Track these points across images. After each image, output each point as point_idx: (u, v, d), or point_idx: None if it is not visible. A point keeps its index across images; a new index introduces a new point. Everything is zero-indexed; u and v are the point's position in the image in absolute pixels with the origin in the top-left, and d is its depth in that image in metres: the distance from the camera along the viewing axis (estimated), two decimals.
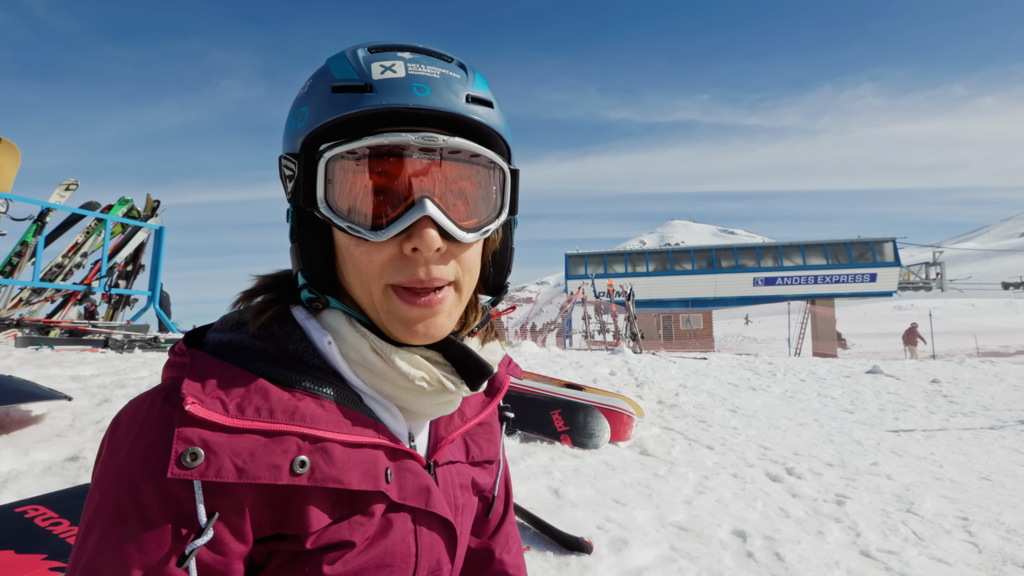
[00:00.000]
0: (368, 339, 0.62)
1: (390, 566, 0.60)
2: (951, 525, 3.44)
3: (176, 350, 0.61)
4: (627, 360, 10.50)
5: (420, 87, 0.58)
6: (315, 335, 0.62)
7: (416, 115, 0.58)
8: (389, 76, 0.58)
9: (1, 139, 9.02)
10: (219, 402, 0.53)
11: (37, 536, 1.79)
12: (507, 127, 0.67)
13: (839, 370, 10.98)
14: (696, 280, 30.45)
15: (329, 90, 0.59)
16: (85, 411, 3.76)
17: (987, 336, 30.26)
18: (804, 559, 2.77)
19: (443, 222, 0.58)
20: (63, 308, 10.23)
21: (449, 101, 0.59)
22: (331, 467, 0.56)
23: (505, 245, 0.71)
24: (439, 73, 0.60)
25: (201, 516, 0.50)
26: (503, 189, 0.65)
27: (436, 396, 0.65)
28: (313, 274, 0.62)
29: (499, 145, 0.65)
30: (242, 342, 0.61)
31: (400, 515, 0.62)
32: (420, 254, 0.58)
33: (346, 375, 0.62)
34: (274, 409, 0.55)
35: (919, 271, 30.17)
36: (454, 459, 0.74)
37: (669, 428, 5.75)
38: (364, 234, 0.58)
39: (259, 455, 0.52)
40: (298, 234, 0.62)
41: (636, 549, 2.71)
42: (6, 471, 2.77)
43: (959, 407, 8.01)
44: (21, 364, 5.03)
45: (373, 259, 0.59)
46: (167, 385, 0.57)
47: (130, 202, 10.71)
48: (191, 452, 0.50)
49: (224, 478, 0.51)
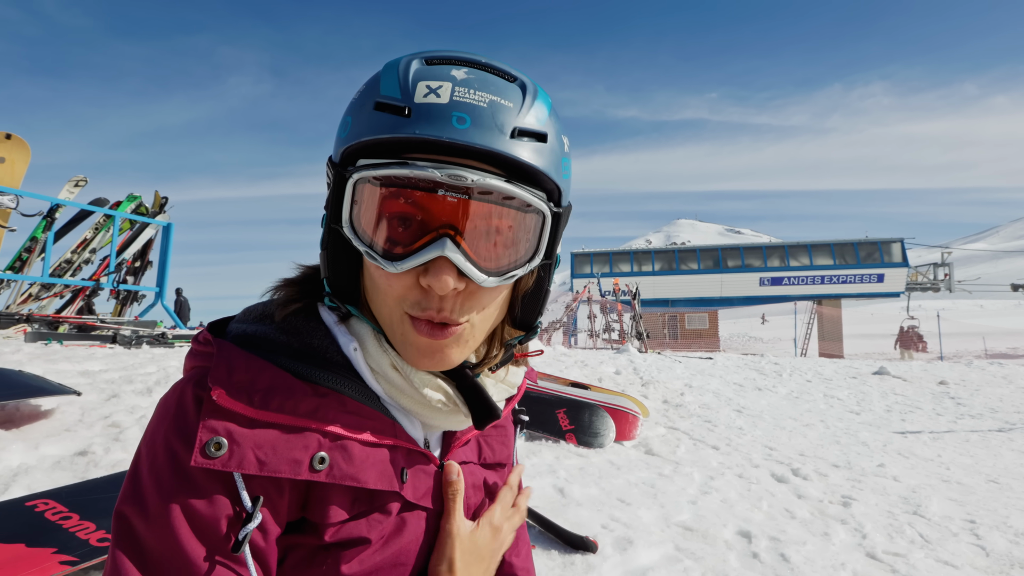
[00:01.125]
0: (390, 356, 0.62)
1: (405, 564, 0.61)
2: (958, 528, 3.42)
3: (200, 339, 0.61)
4: (632, 359, 10.48)
5: (460, 117, 0.54)
6: (342, 339, 0.62)
7: (452, 148, 0.55)
8: (431, 101, 0.55)
9: (11, 136, 9.09)
10: (244, 393, 0.54)
11: (47, 530, 1.81)
12: (563, 161, 0.62)
13: (845, 371, 10.93)
14: (702, 279, 30.36)
15: (372, 105, 0.57)
16: (94, 406, 3.79)
17: (996, 338, 30.04)
18: (810, 560, 2.76)
19: (461, 264, 0.55)
20: (72, 304, 10.31)
21: (490, 136, 0.55)
22: (349, 465, 0.57)
23: (539, 286, 0.67)
24: (487, 101, 0.56)
25: (246, 500, 0.51)
26: (540, 233, 0.60)
27: (451, 415, 0.65)
28: (337, 284, 0.62)
29: (545, 183, 0.60)
30: (267, 334, 0.61)
31: (414, 514, 0.63)
32: (434, 292, 0.56)
33: (368, 381, 0.62)
34: (297, 404, 0.55)
35: (927, 272, 29.97)
36: (467, 460, 0.74)
37: (674, 428, 5.74)
38: (380, 263, 0.56)
39: (281, 449, 0.53)
40: (328, 243, 0.61)
41: (641, 549, 2.71)
42: (16, 465, 2.79)
43: (967, 409, 7.96)
44: (31, 359, 5.08)
45: (392, 285, 0.58)
46: (194, 375, 0.57)
47: (138, 198, 10.77)
48: (215, 442, 0.51)
49: (246, 469, 0.51)
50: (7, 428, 3.21)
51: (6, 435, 3.09)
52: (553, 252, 0.64)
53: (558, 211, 0.61)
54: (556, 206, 0.62)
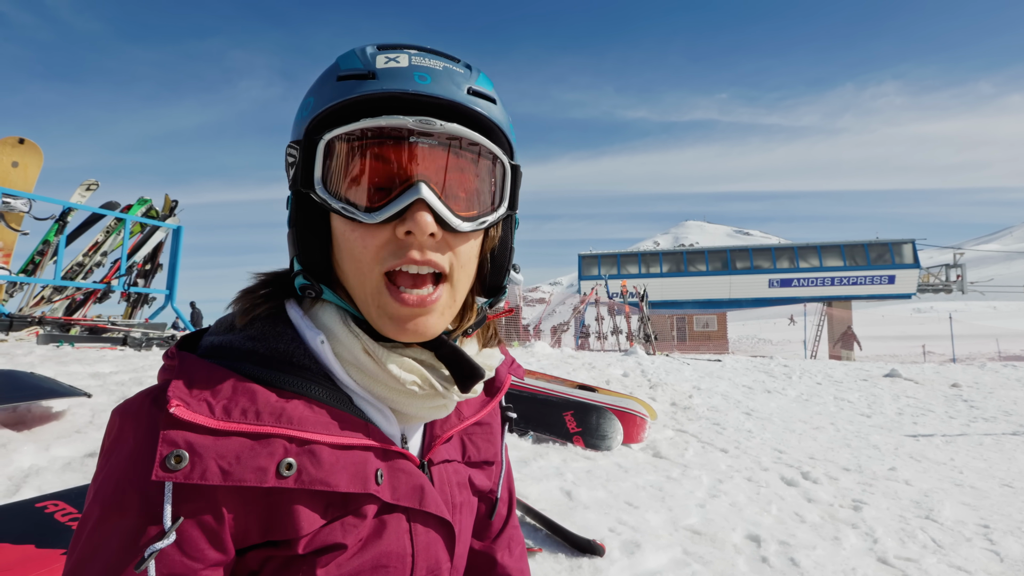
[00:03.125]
0: (361, 340, 0.61)
1: (386, 567, 0.60)
2: (971, 532, 3.37)
3: (168, 354, 0.61)
4: (640, 361, 10.45)
5: (421, 76, 0.60)
6: (308, 334, 0.62)
7: (416, 101, 0.59)
8: (392, 65, 0.60)
9: (24, 140, 9.21)
10: (205, 404, 0.53)
11: (57, 531, 1.82)
12: (511, 126, 0.67)
13: (856, 373, 10.83)
14: (710, 281, 30.20)
15: (335, 79, 0.61)
16: (104, 408, 3.82)
17: (1009, 339, 29.66)
18: (820, 565, 2.73)
19: (438, 207, 0.58)
20: (83, 306, 10.42)
21: (450, 90, 0.60)
22: (318, 469, 0.55)
23: (504, 244, 0.70)
24: (442, 66, 0.62)
25: (167, 519, 0.49)
26: (503, 183, 0.65)
27: (428, 400, 0.64)
28: (308, 260, 0.63)
29: (501, 140, 0.65)
30: (232, 343, 0.61)
31: (394, 516, 0.62)
32: (414, 238, 0.58)
33: (338, 375, 0.62)
34: (261, 411, 0.54)
35: (939, 273, 29.65)
36: (450, 458, 0.73)
37: (682, 430, 5.71)
38: (358, 215, 0.58)
39: (245, 458, 0.52)
40: (295, 220, 0.62)
41: (649, 552, 2.69)
42: (27, 466, 2.82)
43: (980, 412, 7.86)
44: (43, 361, 5.13)
45: (368, 244, 0.59)
46: (157, 387, 0.57)
47: (149, 202, 10.88)
48: (176, 455, 0.50)
49: (209, 480, 0.50)
50: (19, 430, 3.24)
51: (18, 436, 3.12)
52: (515, 205, 0.68)
53: (516, 164, 0.67)
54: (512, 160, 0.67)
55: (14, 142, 9.15)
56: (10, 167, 9.06)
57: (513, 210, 0.68)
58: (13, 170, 9.09)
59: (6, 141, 9.11)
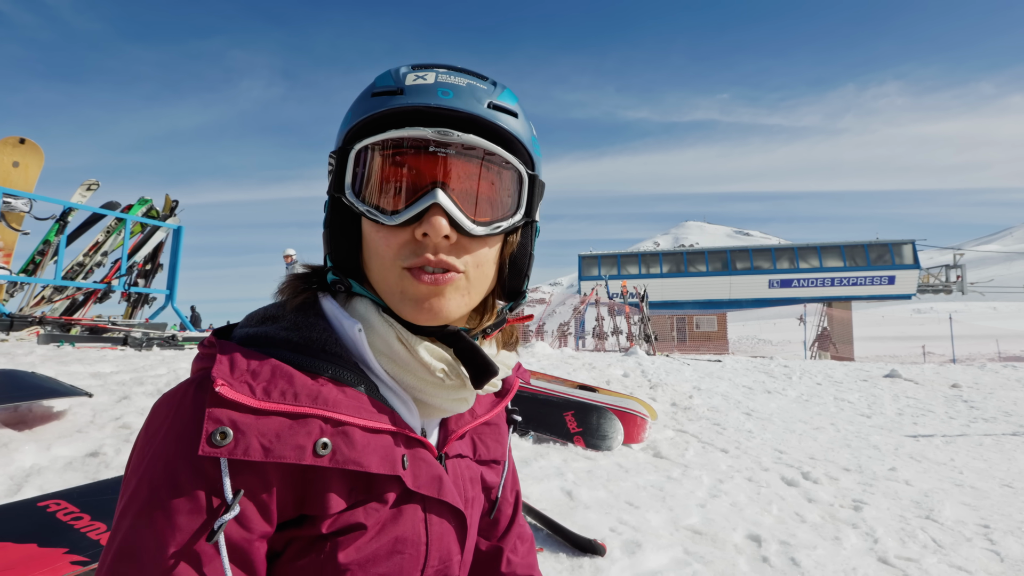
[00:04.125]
0: (395, 328, 0.65)
1: (401, 553, 0.62)
2: (972, 532, 3.38)
3: (206, 343, 0.65)
4: (640, 362, 10.45)
5: (445, 91, 0.64)
6: (346, 323, 0.66)
7: (439, 115, 0.64)
8: (420, 82, 0.65)
9: (25, 140, 9.21)
10: (247, 386, 0.56)
11: (59, 530, 1.83)
12: (533, 140, 0.71)
13: (856, 373, 10.84)
14: (710, 282, 30.22)
15: (370, 95, 0.66)
16: (105, 407, 3.82)
17: (1009, 340, 29.68)
18: (820, 565, 2.73)
19: (452, 211, 0.62)
20: (84, 306, 10.42)
21: (470, 104, 0.65)
22: (352, 450, 0.58)
23: (523, 250, 0.73)
24: (466, 83, 0.66)
25: (227, 492, 0.52)
26: (519, 191, 0.68)
27: (454, 391, 0.68)
28: (338, 257, 0.68)
29: (520, 151, 0.69)
30: (267, 333, 0.65)
31: (411, 504, 0.65)
32: (430, 239, 0.62)
33: (370, 363, 0.66)
34: (298, 393, 0.58)
35: (939, 273, 29.66)
36: (463, 454, 0.77)
37: (683, 430, 5.71)
38: (380, 218, 0.63)
39: (284, 436, 0.55)
40: (330, 221, 0.68)
41: (649, 552, 2.69)
42: (29, 466, 2.82)
43: (980, 412, 7.87)
44: (43, 361, 5.13)
45: (390, 243, 0.63)
46: (198, 376, 0.60)
47: (149, 202, 10.89)
48: (220, 431, 0.53)
49: (251, 456, 0.53)
50: (20, 429, 3.24)
51: (19, 436, 3.12)
52: (533, 212, 0.71)
53: (534, 174, 0.70)
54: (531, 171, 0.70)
55: (15, 142, 9.16)
56: (11, 167, 9.07)
57: (530, 218, 0.71)
58: (14, 170, 9.10)
59: (7, 141, 9.12)
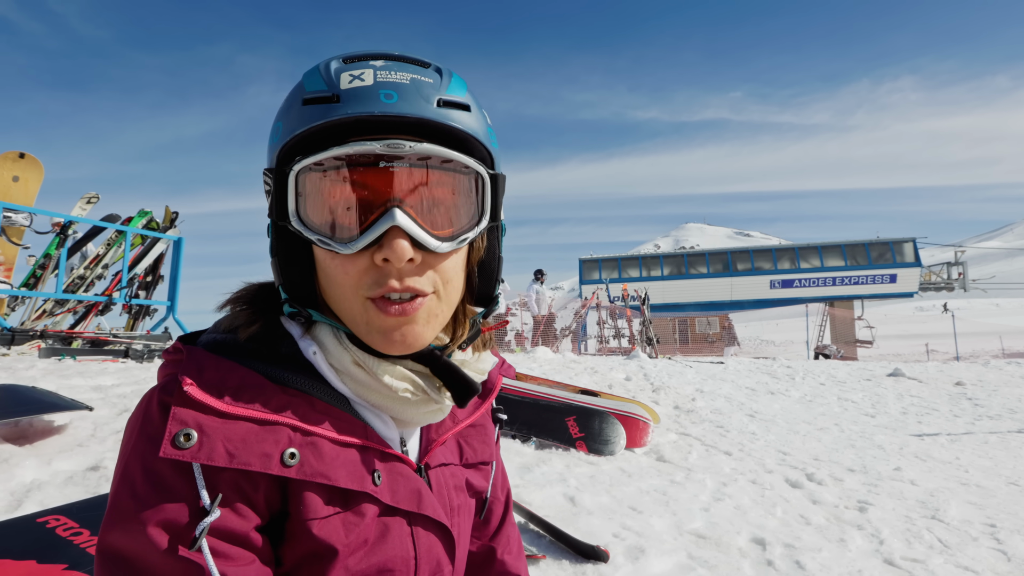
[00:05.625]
0: (351, 352, 0.61)
1: (391, 571, 0.61)
2: (978, 532, 3.35)
3: (172, 348, 0.62)
4: (642, 365, 10.42)
5: (387, 94, 0.57)
6: (301, 344, 0.62)
7: (384, 122, 0.57)
8: (357, 85, 0.58)
9: (25, 155, 9.25)
10: (215, 388, 0.54)
11: (58, 546, 1.82)
12: (489, 131, 0.65)
13: (859, 373, 10.80)
14: (712, 283, 30.19)
15: (300, 103, 0.59)
16: (106, 421, 3.81)
17: (1013, 337, 29.55)
18: (825, 567, 2.71)
19: (414, 231, 0.57)
20: (85, 319, 10.43)
21: (418, 106, 0.58)
22: (320, 462, 0.56)
23: (491, 253, 0.69)
24: (409, 79, 0.59)
25: (205, 497, 0.51)
26: (482, 195, 0.63)
27: (423, 405, 0.65)
28: (292, 290, 0.62)
29: (478, 150, 0.63)
30: (236, 342, 0.61)
31: (396, 519, 0.62)
32: (391, 265, 0.57)
33: (333, 383, 0.62)
34: (268, 400, 0.56)
35: (941, 271, 29.61)
36: (447, 461, 0.74)
37: (686, 434, 5.69)
38: (334, 247, 0.57)
39: (251, 442, 0.53)
40: (276, 249, 0.62)
41: (653, 557, 2.67)
42: (29, 481, 2.82)
43: (985, 410, 7.83)
44: (44, 375, 5.13)
45: (348, 271, 0.58)
46: (161, 382, 0.58)
47: (149, 214, 10.91)
48: (184, 433, 0.51)
49: (215, 462, 0.51)
50: (20, 444, 3.23)
51: (19, 451, 3.11)
52: (498, 215, 0.66)
53: (495, 173, 0.64)
54: (491, 169, 0.64)
55: (15, 156, 9.20)
56: (11, 181, 9.11)
57: (495, 221, 0.66)
58: (14, 184, 9.13)
59: (7, 156, 9.16)
